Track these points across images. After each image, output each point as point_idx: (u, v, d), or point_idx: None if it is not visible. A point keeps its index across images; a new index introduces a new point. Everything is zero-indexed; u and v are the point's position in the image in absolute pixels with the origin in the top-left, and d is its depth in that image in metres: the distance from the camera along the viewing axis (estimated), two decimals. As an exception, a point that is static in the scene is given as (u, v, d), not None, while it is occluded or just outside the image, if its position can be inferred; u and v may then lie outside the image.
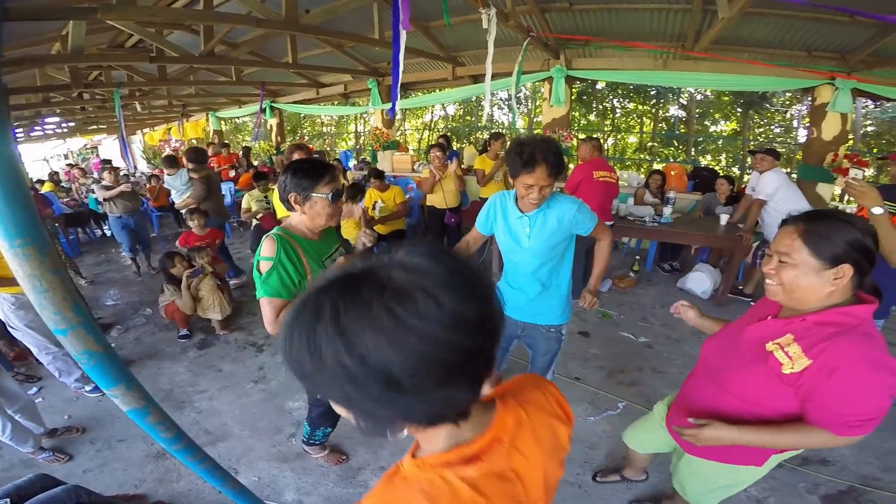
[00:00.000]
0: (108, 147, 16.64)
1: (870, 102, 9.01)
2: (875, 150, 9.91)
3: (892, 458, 2.33)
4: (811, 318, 1.08)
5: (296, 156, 2.59)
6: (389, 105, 7.81)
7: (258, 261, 1.55)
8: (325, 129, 18.47)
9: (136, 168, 12.59)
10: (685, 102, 12.69)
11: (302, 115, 16.83)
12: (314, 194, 1.54)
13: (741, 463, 1.35)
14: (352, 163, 8.63)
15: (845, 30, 4.17)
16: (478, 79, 6.97)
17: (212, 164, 7.84)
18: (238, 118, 14.58)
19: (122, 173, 7.85)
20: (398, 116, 11.76)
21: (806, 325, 1.09)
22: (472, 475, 0.57)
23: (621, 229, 4.49)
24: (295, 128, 17.70)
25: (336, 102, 9.79)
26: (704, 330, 1.58)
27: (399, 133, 10.82)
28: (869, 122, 10.90)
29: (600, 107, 13.50)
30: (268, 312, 1.53)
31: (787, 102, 11.40)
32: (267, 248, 1.54)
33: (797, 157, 6.97)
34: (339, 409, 0.53)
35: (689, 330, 3.64)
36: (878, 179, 9.07)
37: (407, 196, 5.07)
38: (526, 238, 1.81)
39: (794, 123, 11.62)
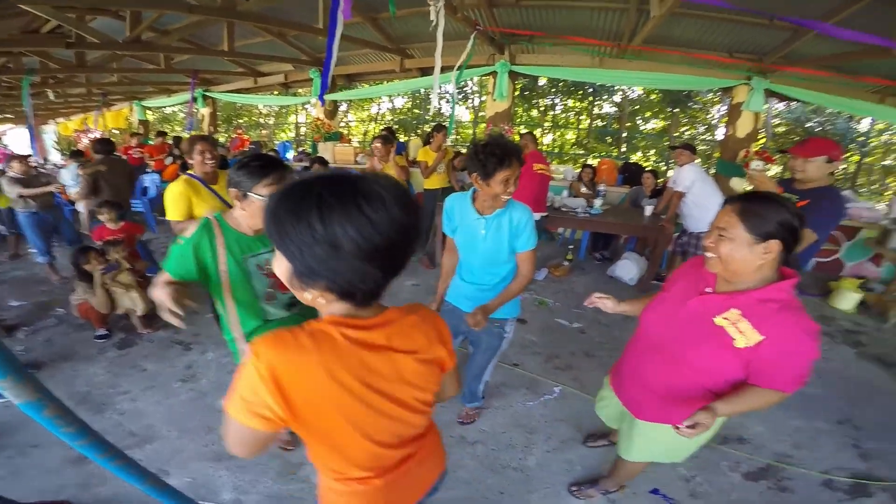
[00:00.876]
0: (14, 137, 14.97)
1: (781, 104, 9.89)
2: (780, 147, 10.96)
3: (799, 435, 2.56)
4: (754, 295, 1.21)
5: (197, 148, 2.39)
6: (327, 96, 7.66)
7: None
8: (262, 120, 17.66)
9: (45, 160, 11.41)
10: (619, 100, 13.33)
11: (238, 105, 15.98)
12: (252, 194, 1.46)
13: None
14: (290, 154, 8.32)
15: (762, 33, 4.53)
16: (426, 71, 6.93)
17: (136, 155, 7.23)
18: (166, 108, 13.60)
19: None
20: (342, 108, 11.47)
21: (750, 302, 1.21)
22: (352, 334, 0.77)
23: (556, 220, 4.65)
24: (230, 118, 16.78)
25: (276, 92, 9.39)
26: (627, 314, 1.67)
27: (343, 125, 10.53)
28: (778, 121, 11.97)
29: (541, 103, 13.88)
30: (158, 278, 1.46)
31: (710, 102, 12.27)
32: (190, 229, 1.50)
33: (716, 154, 7.54)
34: (281, 264, 0.74)
35: (620, 316, 3.80)
36: (782, 175, 10.01)
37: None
38: (481, 240, 1.86)
39: (715, 122, 12.54)
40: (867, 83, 5.00)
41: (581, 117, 14.20)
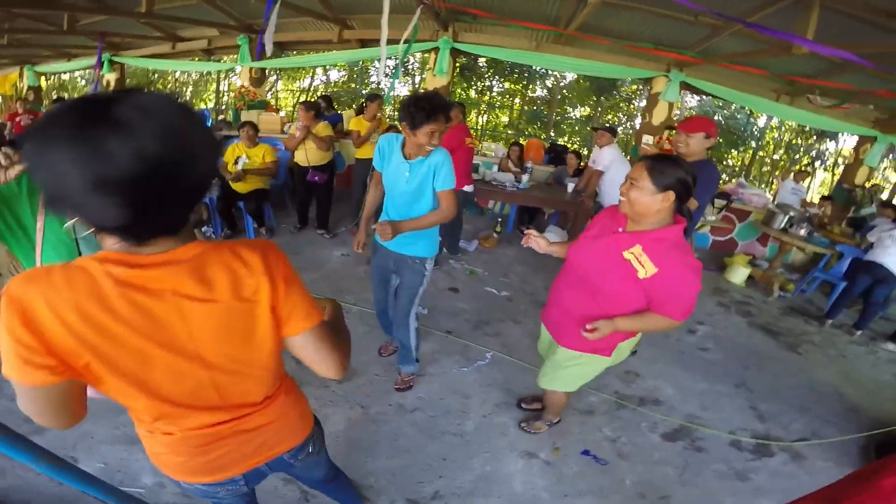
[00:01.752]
0: None
1: (694, 98, 10.71)
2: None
3: (705, 398, 2.83)
4: (653, 235, 1.47)
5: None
6: (259, 63, 7.13)
7: None
8: (178, 88, 16.08)
9: None
10: (550, 86, 13.71)
11: (152, 72, 14.37)
12: None
13: (595, 353, 1.75)
14: (209, 122, 7.67)
15: (685, 29, 4.78)
16: (366, 43, 6.68)
17: (24, 123, 6.33)
18: (64, 73, 11.90)
19: None
20: (272, 79, 10.69)
21: (649, 240, 1.47)
22: (118, 273, 0.65)
23: (486, 192, 4.82)
24: (142, 85, 15.06)
25: (196, 59, 8.53)
26: (555, 254, 1.86)
27: (270, 94, 9.83)
28: (690, 114, 13.00)
29: (480, 85, 13.92)
30: None
31: (633, 95, 13.00)
32: None
33: (632, 142, 8.05)
34: None
35: (541, 285, 4.07)
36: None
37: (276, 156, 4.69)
38: (405, 181, 2.00)
39: (636, 114, 13.34)
40: (769, 80, 5.55)
41: (515, 100, 14.45)
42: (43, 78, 10.19)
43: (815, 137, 12.14)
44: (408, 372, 2.53)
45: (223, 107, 12.32)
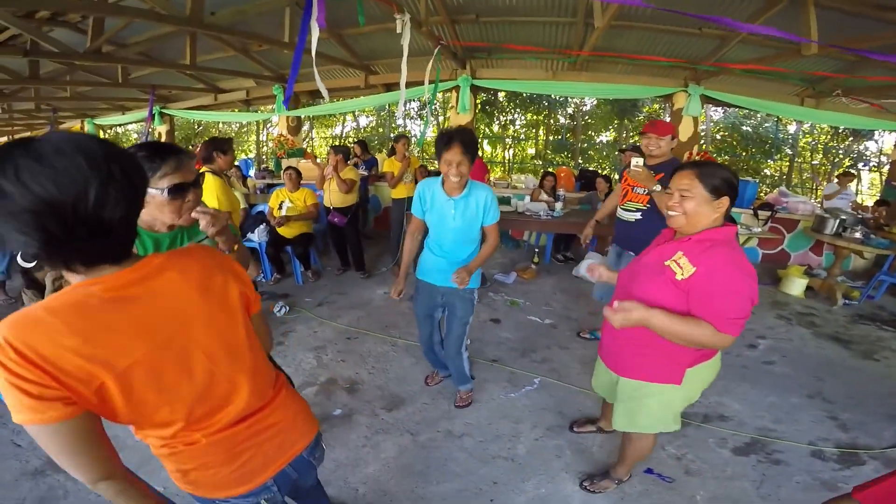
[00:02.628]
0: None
1: (718, 110, 10.47)
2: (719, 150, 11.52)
3: (777, 411, 2.59)
4: (694, 238, 1.37)
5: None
6: (292, 111, 7.51)
7: None
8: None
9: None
10: (571, 113, 13.79)
11: (197, 125, 15.41)
12: (149, 189, 1.17)
13: (661, 381, 1.54)
14: (252, 171, 8.06)
15: (694, 42, 4.75)
16: (390, 87, 6.92)
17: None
18: (120, 126, 12.93)
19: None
20: (305, 127, 11.26)
21: (690, 244, 1.37)
22: (94, 290, 0.68)
23: (521, 223, 4.79)
24: (189, 137, 16.19)
25: (236, 110, 9.09)
26: (614, 281, 1.72)
27: (306, 142, 10.30)
28: (717, 128, 12.71)
29: (502, 118, 14.18)
30: None
31: (655, 112, 12.88)
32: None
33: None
34: None
35: (585, 310, 3.91)
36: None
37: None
38: (451, 219, 2.05)
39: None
40: (790, 79, 5.40)
41: (539, 131, 14.59)
42: (101, 131, 10.83)
43: (850, 139, 11.59)
44: (465, 389, 2.50)
45: (264, 156, 12.94)
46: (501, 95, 12.63)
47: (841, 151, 12.10)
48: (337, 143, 15.08)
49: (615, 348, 1.63)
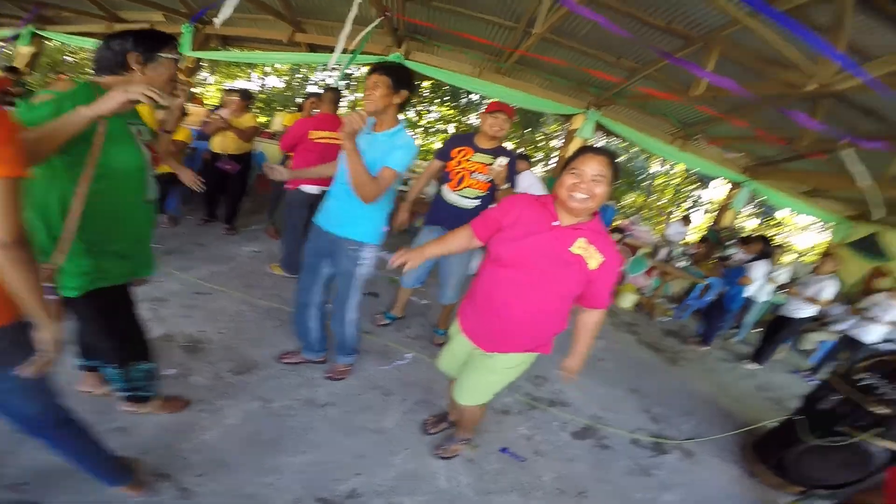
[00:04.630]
0: None
1: (606, 138, 11.49)
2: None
3: (605, 401, 2.92)
4: (590, 226, 1.41)
5: None
6: (202, 53, 6.55)
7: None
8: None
9: None
10: (484, 114, 14.09)
11: (69, 50, 12.46)
12: (163, 55, 1.31)
13: (538, 350, 1.60)
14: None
15: (609, 69, 5.04)
16: (315, 48, 6.32)
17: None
18: None
19: None
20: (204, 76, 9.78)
21: (588, 232, 1.40)
22: None
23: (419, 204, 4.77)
24: (56, 63, 13.06)
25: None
26: (435, 256, 1.73)
27: (198, 89, 8.88)
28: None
29: (419, 108, 13.92)
30: None
31: (554, 130, 13.77)
32: (59, 86, 1.14)
33: (548, 175, 8.44)
34: None
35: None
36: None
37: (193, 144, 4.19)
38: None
39: (554, 154, 14.14)
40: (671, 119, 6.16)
41: (449, 127, 14.63)
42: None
43: (697, 184, 13.79)
44: (345, 363, 2.31)
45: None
46: (424, 85, 12.39)
47: (685, 194, 14.27)
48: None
49: (507, 329, 1.52)
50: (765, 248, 4.67)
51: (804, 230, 13.66)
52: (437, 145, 14.63)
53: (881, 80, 2.57)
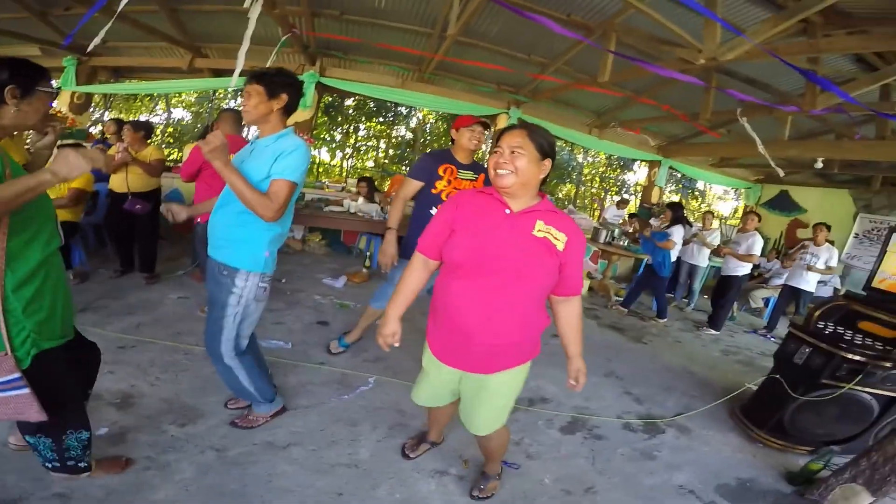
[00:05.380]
0: None
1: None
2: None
3: (585, 390, 2.79)
4: (542, 207, 1.34)
5: None
6: (87, 88, 6.04)
7: None
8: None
9: None
10: (414, 126, 14.17)
11: None
12: (40, 89, 1.23)
13: (531, 358, 1.52)
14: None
15: (521, 66, 5.24)
16: (220, 73, 5.97)
17: None
18: None
19: None
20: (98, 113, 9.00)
21: (542, 213, 1.33)
22: None
23: (353, 223, 5.09)
24: None
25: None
26: (403, 310, 1.61)
27: (93, 126, 7.99)
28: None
29: (345, 127, 13.71)
30: None
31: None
32: None
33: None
34: None
35: (417, 310, 3.78)
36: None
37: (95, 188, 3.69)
38: (240, 164, 1.66)
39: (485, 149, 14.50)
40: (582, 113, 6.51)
41: (381, 143, 14.55)
42: None
43: (620, 170, 14.70)
44: (261, 412, 1.99)
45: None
46: (348, 102, 12.21)
47: (612, 181, 15.18)
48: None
49: (494, 345, 1.36)
50: (676, 214, 4.97)
51: (722, 199, 15.09)
52: (370, 164, 14.48)
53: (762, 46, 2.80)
